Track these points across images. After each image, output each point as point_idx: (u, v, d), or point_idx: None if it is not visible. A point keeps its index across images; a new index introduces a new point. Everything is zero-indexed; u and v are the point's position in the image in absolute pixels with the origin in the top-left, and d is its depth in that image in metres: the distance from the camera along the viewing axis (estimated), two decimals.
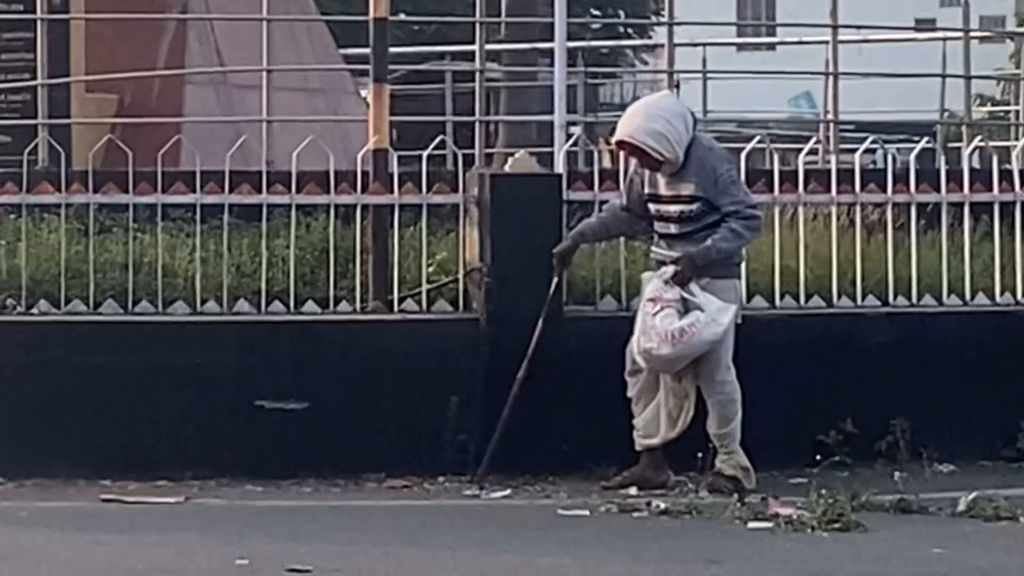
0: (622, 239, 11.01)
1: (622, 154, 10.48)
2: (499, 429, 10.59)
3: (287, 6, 15.78)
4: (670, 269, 10.19)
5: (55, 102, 14.80)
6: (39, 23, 14.70)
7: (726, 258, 10.35)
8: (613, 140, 10.86)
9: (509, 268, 11.28)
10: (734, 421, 10.46)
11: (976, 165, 12.50)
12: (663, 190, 10.12)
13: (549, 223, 11.15)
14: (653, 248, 10.45)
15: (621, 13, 31.72)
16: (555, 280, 10.81)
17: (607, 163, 11.88)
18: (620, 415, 10.66)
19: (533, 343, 10.68)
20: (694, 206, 10.18)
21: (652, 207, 10.23)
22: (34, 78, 14.92)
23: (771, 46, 28.87)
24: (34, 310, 11.55)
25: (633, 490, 10.60)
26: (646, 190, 10.23)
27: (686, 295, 10.20)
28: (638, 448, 10.55)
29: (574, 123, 14.42)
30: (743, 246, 10.37)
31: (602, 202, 10.96)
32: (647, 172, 10.13)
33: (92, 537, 9.77)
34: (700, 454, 10.38)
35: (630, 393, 10.49)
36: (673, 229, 10.22)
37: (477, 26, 15.47)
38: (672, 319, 10.21)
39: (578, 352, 10.99)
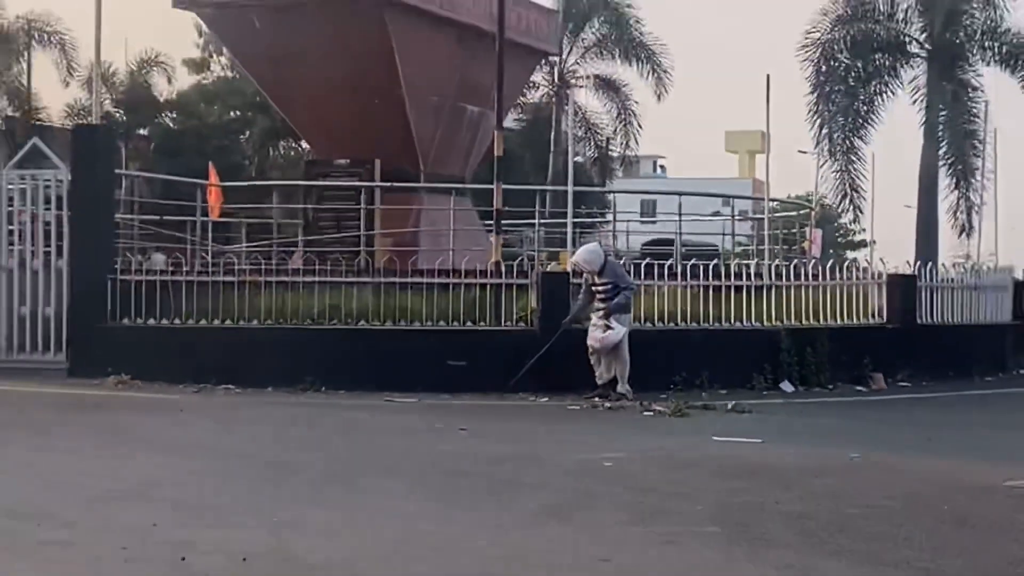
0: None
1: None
2: (526, 368, 16.09)
3: (460, 203, 19.81)
4: (601, 312, 15.88)
5: (368, 241, 19.26)
6: (362, 211, 20.71)
7: (623, 307, 15.98)
8: (571, 261, 16.82)
9: (548, 309, 16.47)
10: (626, 371, 15.90)
11: (736, 270, 17.10)
12: (597, 281, 16.07)
13: (564, 292, 16.69)
14: (596, 304, 15.99)
15: (595, 207, 39.02)
16: (564, 325, 16.19)
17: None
18: (588, 369, 16.03)
19: (553, 339, 16.13)
20: (609, 287, 16.03)
21: (594, 289, 16.11)
22: (359, 231, 18.64)
23: (654, 222, 33.49)
24: (358, 325, 16.76)
25: (596, 399, 15.81)
26: (592, 282, 16.07)
27: (607, 323, 15.84)
28: (598, 382, 16.11)
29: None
30: (629, 302, 16.01)
31: (576, 285, 16.47)
32: (590, 275, 16.02)
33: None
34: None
35: (593, 362, 16.05)
36: (602, 297, 15.97)
37: (537, 214, 19.38)
38: (600, 332, 15.93)
39: (573, 342, 16.08)
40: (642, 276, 17.25)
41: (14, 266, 17.83)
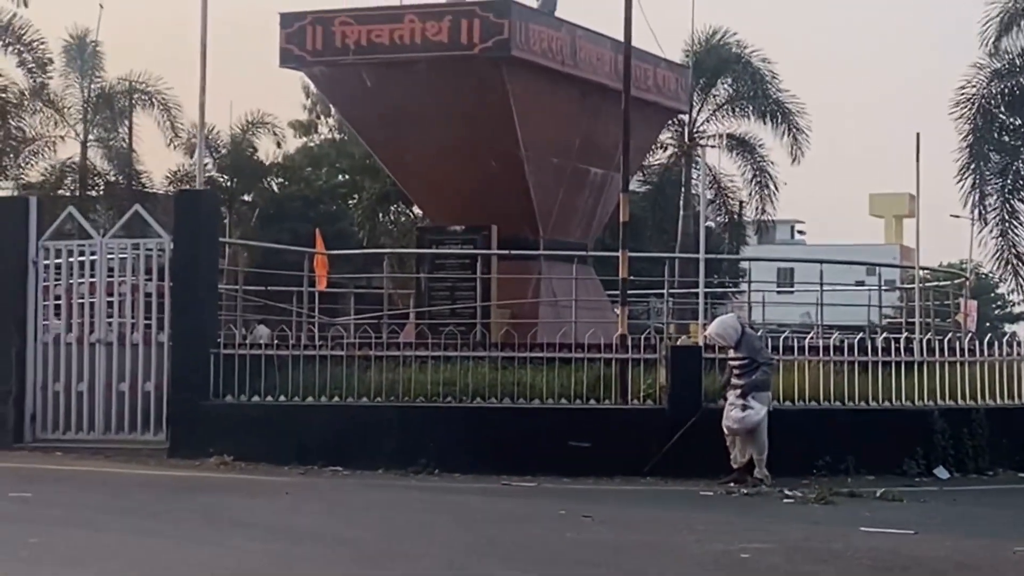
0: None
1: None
2: (665, 449, 16.14)
3: (583, 272, 19.91)
4: (738, 391, 15.84)
5: (484, 312, 19.46)
6: (478, 280, 21.02)
7: (762, 385, 15.91)
8: (705, 335, 16.93)
9: (678, 386, 16.43)
10: (764, 454, 15.88)
11: (884, 345, 17.13)
12: (732, 355, 16.14)
13: (695, 368, 16.67)
14: (732, 380, 16.05)
15: (726, 277, 37.08)
16: (721, 395, 16.15)
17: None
18: (722, 451, 15.98)
19: (695, 418, 16.12)
20: (746, 362, 16.02)
21: (729, 363, 16.18)
22: (475, 301, 19.82)
23: (792, 292, 33.20)
24: (473, 402, 16.80)
25: (731, 484, 15.79)
26: (728, 354, 16.18)
27: (745, 402, 15.78)
28: (733, 465, 16.06)
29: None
30: (769, 378, 16.03)
31: (708, 358, 16.68)
32: (729, 348, 16.18)
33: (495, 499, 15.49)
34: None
35: (728, 443, 16.01)
36: (738, 372, 15.97)
37: (665, 283, 19.48)
38: (738, 412, 15.86)
39: (706, 422, 16.13)
40: (780, 350, 17.19)
41: (113, 339, 18.06)
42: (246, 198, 48.94)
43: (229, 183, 46.78)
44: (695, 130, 41.64)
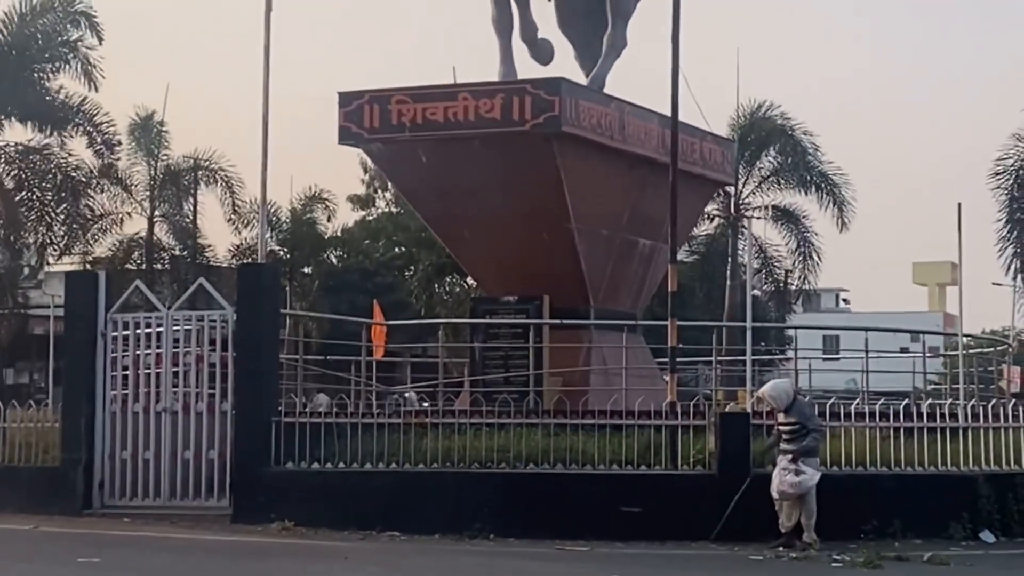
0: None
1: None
2: (723, 519, 16.11)
3: (632, 341, 20.00)
4: (789, 456, 15.76)
5: (536, 380, 19.59)
6: (531, 348, 20.99)
7: (812, 451, 15.85)
8: (757, 394, 16.82)
9: (727, 452, 16.44)
10: (813, 519, 15.79)
11: (928, 411, 16.94)
12: (782, 419, 16.01)
13: (744, 434, 16.65)
14: (781, 445, 15.95)
15: (773, 345, 37.12)
16: (767, 460, 16.22)
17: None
18: (773, 516, 15.95)
19: (744, 486, 16.08)
20: (796, 427, 15.92)
21: (779, 428, 16.06)
22: (527, 370, 19.09)
23: (838, 359, 33.00)
24: (528, 468, 16.87)
25: (780, 548, 15.74)
26: (777, 419, 16.01)
27: (797, 467, 15.69)
28: (781, 530, 15.98)
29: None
30: (818, 445, 15.98)
31: (755, 424, 16.60)
32: (779, 412, 16.03)
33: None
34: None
35: (776, 508, 15.96)
36: (788, 437, 15.90)
37: (713, 352, 19.51)
38: (792, 476, 15.77)
39: (758, 488, 16.06)
40: (827, 416, 17.09)
41: (179, 408, 18.17)
42: (306, 270, 49.28)
43: (289, 256, 47.24)
44: (741, 201, 41.65)
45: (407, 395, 22.48)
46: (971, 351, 25.96)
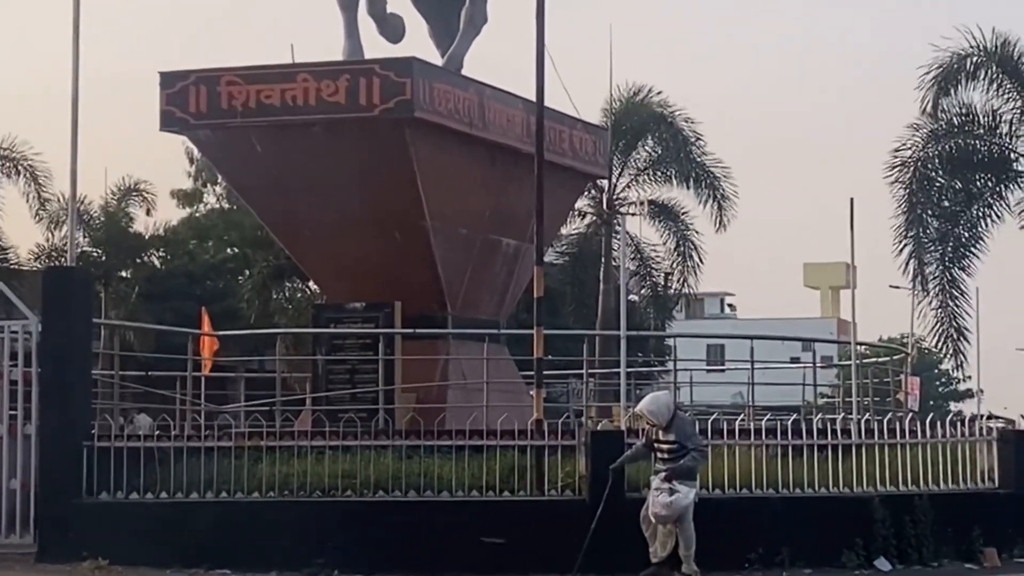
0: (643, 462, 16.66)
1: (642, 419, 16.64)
2: (581, 555, 16.08)
3: (495, 352, 20.18)
4: (663, 474, 15.88)
5: (387, 397, 21.06)
6: (380, 361, 21.19)
7: (689, 472, 15.93)
8: (635, 410, 16.94)
9: (600, 476, 16.40)
10: (692, 547, 15.82)
11: (820, 426, 18.34)
12: (661, 437, 16.10)
13: (618, 454, 16.67)
14: (656, 465, 16.08)
15: (651, 354, 38.05)
16: (610, 480, 16.27)
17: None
18: (644, 545, 16.05)
19: (602, 503, 16.15)
20: (675, 446, 16.02)
21: (656, 446, 16.13)
22: (377, 385, 19.26)
23: (723, 370, 33.96)
24: (376, 495, 16.73)
25: None
26: (653, 438, 16.17)
27: (672, 486, 15.78)
28: (652, 559, 16.04)
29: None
30: (697, 466, 16.09)
31: (631, 443, 16.73)
32: (653, 429, 16.08)
33: None
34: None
35: (646, 534, 16.04)
36: (667, 456, 16.00)
37: (585, 363, 19.75)
38: (665, 496, 15.86)
39: (629, 510, 16.20)
40: (709, 434, 17.29)
41: None
42: (124, 275, 48.58)
43: (104, 258, 46.50)
44: (615, 196, 42.04)
45: (137, 418, 22.03)
46: (866, 361, 26.48)
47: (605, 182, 39.06)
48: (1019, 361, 35.94)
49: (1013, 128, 34.50)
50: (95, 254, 46.18)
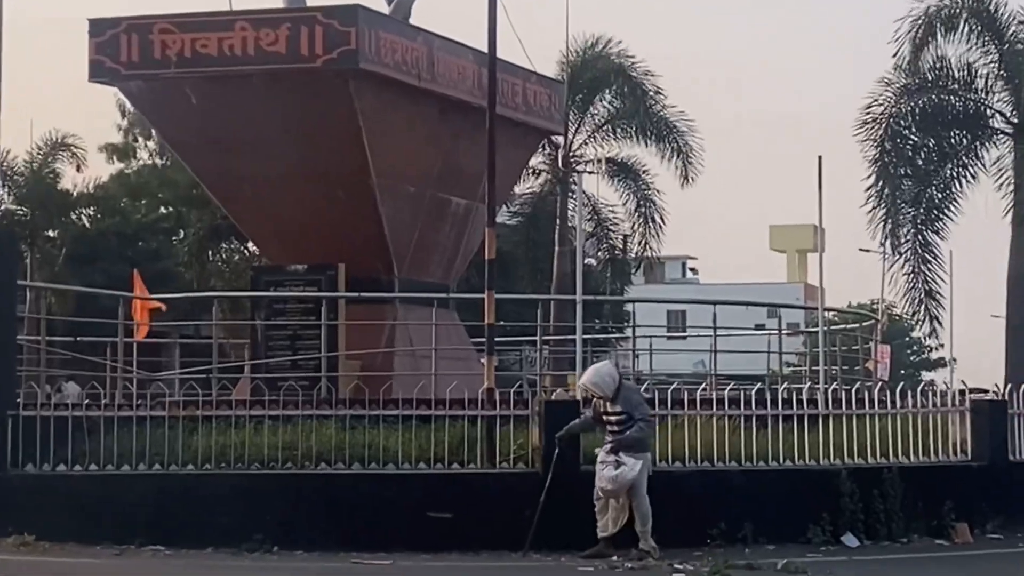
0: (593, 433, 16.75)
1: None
2: (532, 531, 16.17)
3: (444, 317, 20.13)
4: (609, 446, 15.98)
5: (330, 364, 19.38)
6: (323, 327, 21.23)
7: (642, 441, 16.04)
8: (578, 384, 16.82)
9: (553, 446, 16.45)
10: (649, 523, 15.88)
11: (785, 396, 18.19)
12: (609, 408, 16.18)
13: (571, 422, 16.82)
14: (607, 437, 16.13)
15: (609, 320, 38.43)
16: (556, 451, 16.30)
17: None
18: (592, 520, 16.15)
19: (549, 475, 16.23)
20: (623, 416, 16.12)
21: (604, 418, 16.22)
22: (319, 352, 19.05)
23: (684, 337, 34.30)
24: (319, 468, 16.76)
25: (616, 559, 15.77)
26: (601, 409, 16.22)
27: (618, 458, 15.85)
28: (600, 534, 16.07)
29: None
30: (647, 435, 16.15)
31: (585, 413, 16.75)
32: (600, 401, 16.13)
33: None
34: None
35: (597, 510, 16.05)
36: (616, 428, 16.09)
37: (539, 329, 20.19)
38: (611, 470, 15.96)
39: (583, 483, 16.23)
40: (668, 404, 17.40)
41: None
42: (50, 234, 48.33)
43: (29, 217, 46.24)
44: (572, 154, 42.00)
45: (65, 386, 21.91)
46: (834, 328, 26.70)
47: (561, 138, 38.96)
48: (994, 328, 36.10)
49: (989, 83, 34.61)
50: (20, 212, 45.93)
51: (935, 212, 33.94)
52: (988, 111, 34.60)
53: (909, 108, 34.20)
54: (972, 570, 15.97)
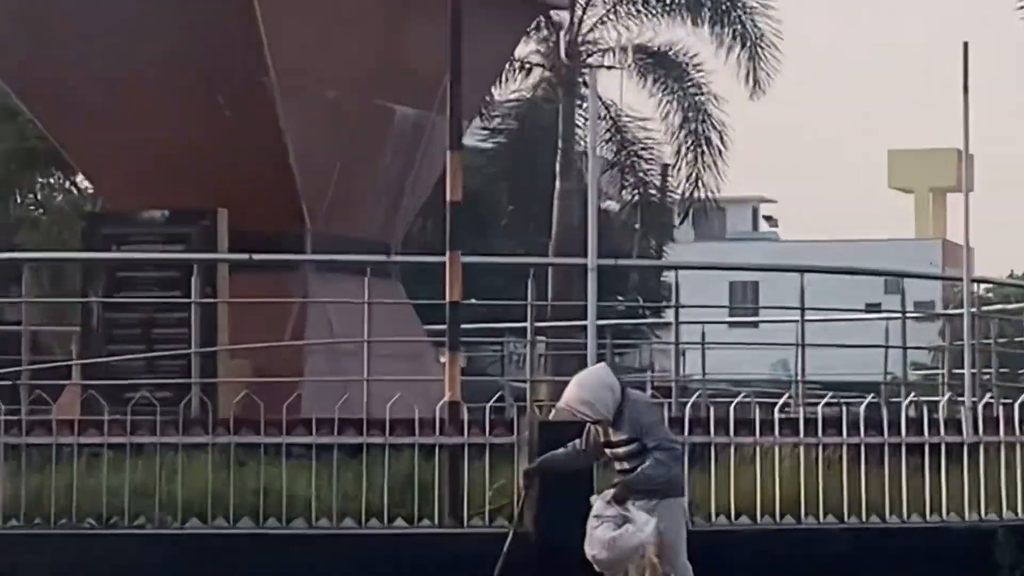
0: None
1: None
2: None
3: (383, 293, 20.40)
4: (611, 491, 15.30)
5: (205, 365, 20.90)
6: (193, 306, 20.87)
7: (663, 481, 15.33)
8: (559, 405, 16.09)
9: (550, 491, 16.12)
10: None
11: (912, 415, 18.32)
12: (612, 437, 15.55)
13: None
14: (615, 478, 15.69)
15: (639, 299, 38.30)
16: (523, 493, 15.81)
17: None
18: None
19: (506, 546, 15.61)
20: (633, 446, 15.45)
21: (608, 451, 15.58)
22: (188, 347, 20.82)
23: (755, 324, 34.75)
24: (188, 525, 16.69)
25: None
26: (601, 438, 15.56)
27: (623, 512, 15.15)
28: None
29: None
30: (668, 471, 15.41)
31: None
32: (598, 426, 15.51)
33: None
34: None
35: None
36: (625, 464, 15.44)
37: (529, 308, 21.40)
38: (608, 530, 15.21)
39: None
40: (731, 427, 17.39)
41: None
42: None
43: None
44: (580, 39, 42.05)
45: None
46: (988, 309, 26.56)
47: (565, 14, 39.08)
48: None
49: None
50: None
51: None
52: None
53: None
54: None
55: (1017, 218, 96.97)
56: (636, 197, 44.18)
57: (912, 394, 22.21)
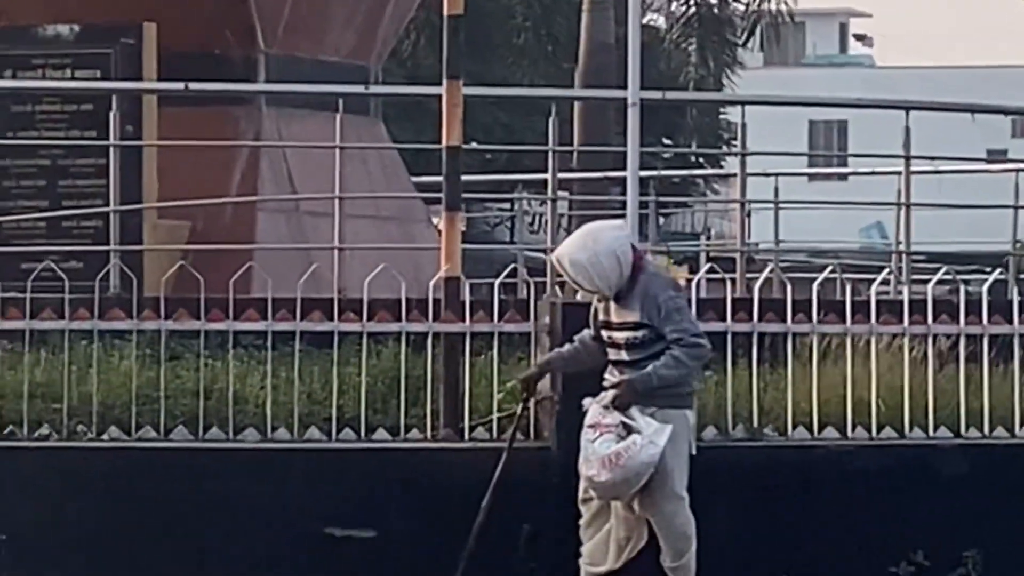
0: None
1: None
2: (465, 554, 16.03)
3: (359, 134, 20.11)
4: (610, 394, 15.51)
5: (127, 228, 20.88)
6: (111, 149, 20.74)
7: (674, 386, 15.54)
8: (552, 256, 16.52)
9: (579, 396, 16.04)
10: (687, 555, 15.52)
11: None
12: (613, 317, 15.69)
13: None
14: (605, 375, 15.76)
15: (693, 143, 38.06)
16: (520, 407, 16.25)
17: None
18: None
19: (497, 472, 16.01)
20: (640, 333, 15.56)
21: (604, 334, 15.75)
22: (106, 204, 20.71)
23: (843, 176, 34.91)
24: (104, 436, 16.82)
25: None
26: (601, 317, 15.77)
27: (626, 420, 15.37)
28: (582, 569, 15.84)
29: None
30: (687, 375, 15.67)
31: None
32: (599, 301, 15.73)
33: None
34: None
35: (581, 522, 15.80)
36: (624, 356, 15.62)
37: (550, 155, 21.16)
38: (610, 444, 15.38)
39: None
40: (814, 311, 17.41)
41: None
42: None
43: None
44: None
45: None
46: None
47: None
48: None
49: None
50: None
51: None
52: None
53: None
54: None
55: None
56: (690, 8, 44.40)
57: None
